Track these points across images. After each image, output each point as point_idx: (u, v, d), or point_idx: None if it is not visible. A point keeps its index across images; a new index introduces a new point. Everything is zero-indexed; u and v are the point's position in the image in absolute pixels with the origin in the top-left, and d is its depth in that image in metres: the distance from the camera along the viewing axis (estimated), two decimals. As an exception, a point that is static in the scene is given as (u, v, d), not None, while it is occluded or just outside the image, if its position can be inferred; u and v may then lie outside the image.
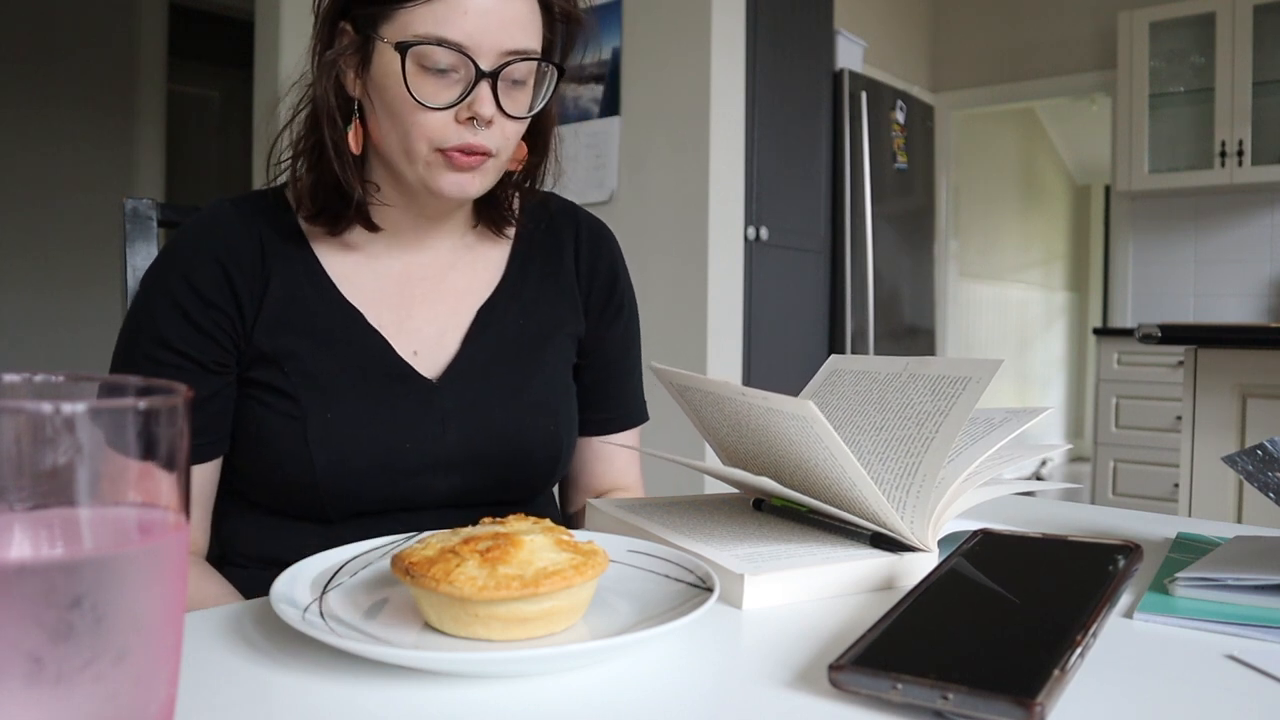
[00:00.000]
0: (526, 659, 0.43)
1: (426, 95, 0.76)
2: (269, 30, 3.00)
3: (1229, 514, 1.73)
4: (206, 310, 0.81)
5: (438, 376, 0.85)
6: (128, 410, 0.29)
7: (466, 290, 0.90)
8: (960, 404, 0.65)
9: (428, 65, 0.76)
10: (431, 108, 0.77)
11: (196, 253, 0.82)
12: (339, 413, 0.81)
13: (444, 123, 0.77)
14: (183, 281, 0.81)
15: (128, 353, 0.82)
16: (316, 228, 0.85)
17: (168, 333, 0.80)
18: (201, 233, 0.83)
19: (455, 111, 0.77)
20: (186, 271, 0.81)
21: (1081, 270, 7.00)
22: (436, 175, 0.79)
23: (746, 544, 0.63)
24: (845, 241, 3.45)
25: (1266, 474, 0.61)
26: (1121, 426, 4.00)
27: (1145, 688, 0.44)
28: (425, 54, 0.76)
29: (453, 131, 0.78)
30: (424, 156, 0.79)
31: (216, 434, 0.82)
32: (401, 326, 0.86)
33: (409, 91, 0.76)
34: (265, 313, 0.82)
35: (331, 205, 0.84)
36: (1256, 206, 4.08)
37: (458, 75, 0.77)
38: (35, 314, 4.42)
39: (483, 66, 0.76)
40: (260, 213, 0.86)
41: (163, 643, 0.30)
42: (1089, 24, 4.41)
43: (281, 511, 0.84)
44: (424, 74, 0.76)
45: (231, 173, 5.66)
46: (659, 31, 2.94)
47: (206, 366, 0.81)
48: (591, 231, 0.98)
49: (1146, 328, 1.75)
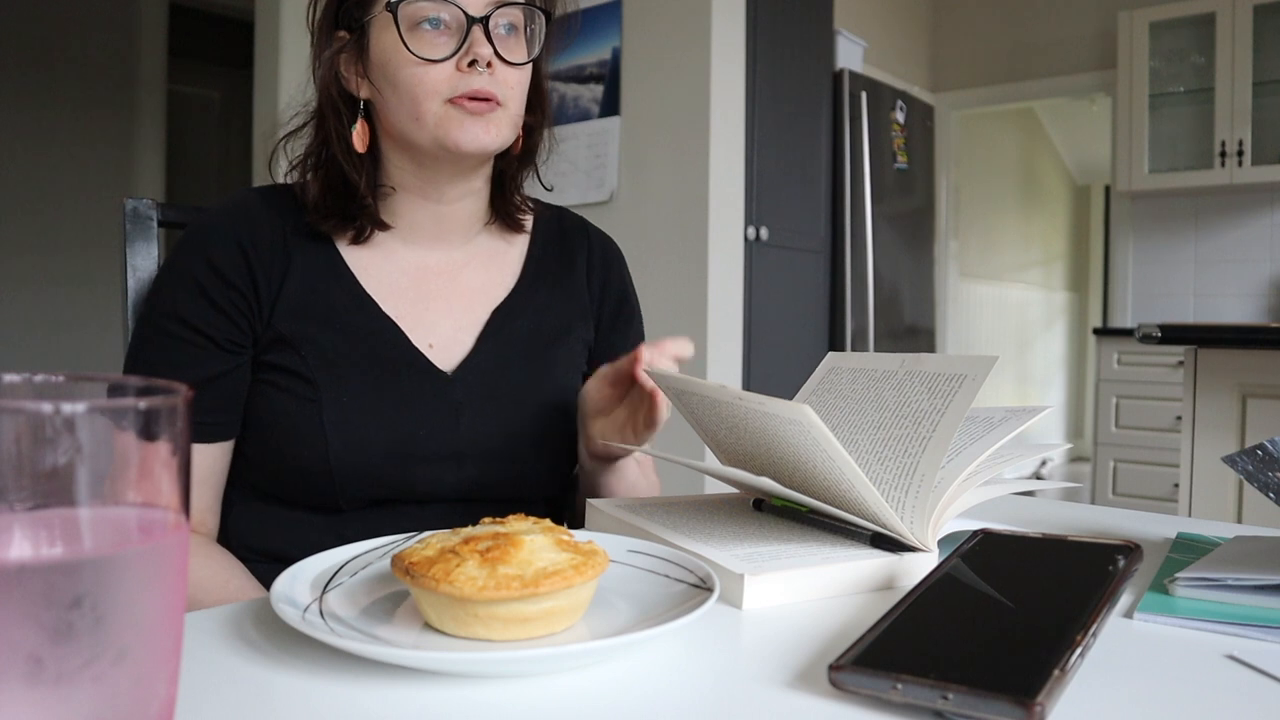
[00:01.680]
0: (526, 659, 0.43)
1: (424, 49, 0.80)
2: (269, 30, 3.00)
3: (1229, 514, 1.73)
4: (225, 290, 0.82)
5: (453, 370, 0.87)
6: (128, 410, 0.29)
7: (481, 289, 0.91)
8: (957, 402, 0.65)
9: (420, 23, 0.80)
10: (431, 60, 0.80)
11: (219, 234, 0.84)
12: (354, 397, 0.82)
13: (447, 74, 0.81)
14: (203, 261, 0.83)
15: (144, 329, 0.84)
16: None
17: (184, 309, 0.82)
18: (225, 216, 0.85)
19: (456, 61, 0.81)
20: (208, 252, 0.83)
21: (1081, 270, 7.00)
22: (451, 129, 0.81)
23: (746, 544, 0.63)
24: (845, 241, 3.45)
25: (1266, 474, 0.61)
26: (1121, 426, 4.00)
27: (1145, 688, 0.44)
28: (416, 10, 0.80)
29: (458, 80, 0.81)
30: (435, 113, 0.81)
31: (227, 415, 0.84)
32: (418, 320, 0.87)
33: (407, 48, 0.80)
34: (284, 298, 0.83)
35: (340, 209, 0.86)
36: (1256, 206, 4.08)
37: (451, 29, 0.81)
38: (35, 314, 4.42)
39: (473, 14, 0.80)
40: (285, 203, 0.88)
41: (163, 643, 0.30)
42: (1089, 24, 4.41)
43: (290, 501, 0.85)
44: (419, 32, 0.80)
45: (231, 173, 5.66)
46: (659, 31, 2.94)
47: (220, 344, 0.82)
48: (603, 246, 1.01)
49: (1146, 328, 1.75)
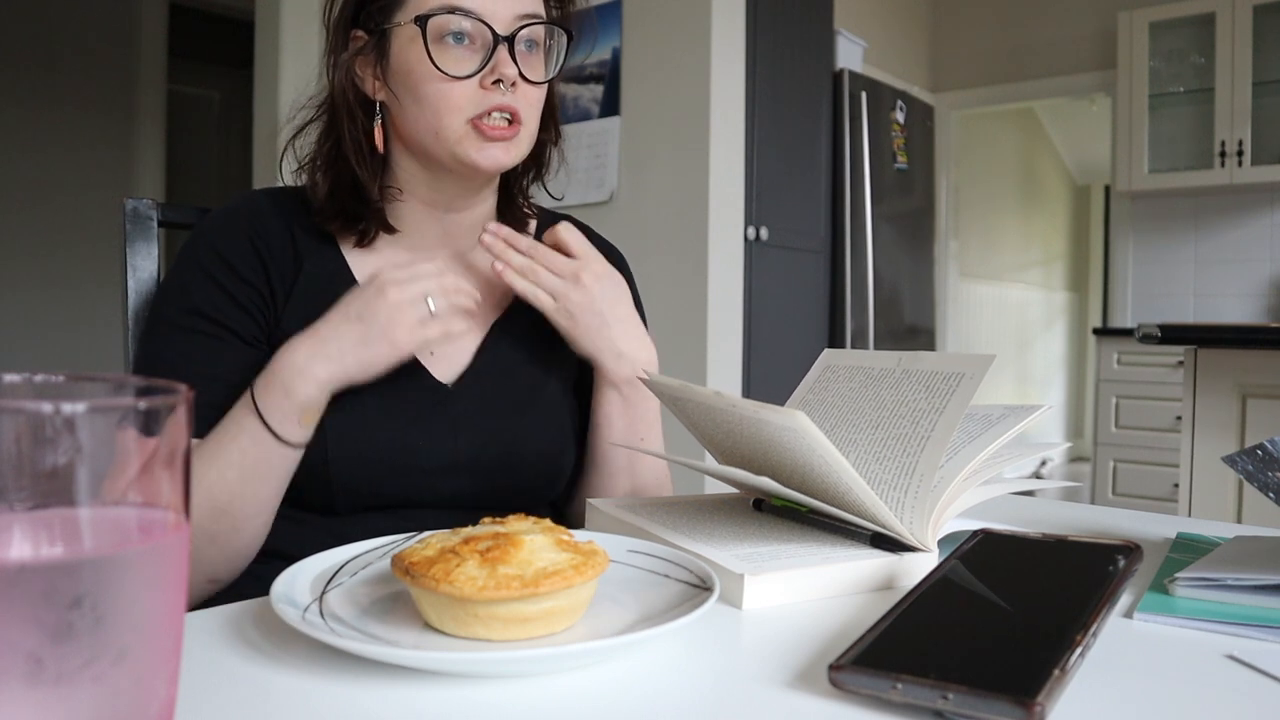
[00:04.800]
0: (526, 659, 0.43)
1: (449, 65, 0.79)
2: (269, 30, 3.00)
3: (1229, 514, 1.73)
4: (240, 284, 0.81)
5: (452, 382, 0.86)
6: (128, 410, 0.29)
7: (483, 299, 0.90)
8: (954, 401, 0.65)
9: (447, 36, 0.79)
10: (457, 77, 0.79)
11: (229, 230, 0.83)
12: (356, 404, 0.81)
13: (471, 91, 0.80)
14: (215, 255, 0.82)
15: (156, 327, 0.82)
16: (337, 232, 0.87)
17: (201, 301, 0.81)
18: (234, 214, 0.85)
19: (480, 79, 0.80)
20: (219, 246, 0.82)
21: (1081, 270, 7.00)
22: (470, 149, 0.81)
23: (746, 544, 0.63)
24: (845, 241, 3.45)
25: (1266, 474, 0.61)
26: (1121, 426, 4.00)
27: (1145, 688, 0.44)
28: (443, 23, 0.79)
29: (481, 98, 0.80)
30: (456, 131, 0.81)
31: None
32: None
33: (433, 63, 0.79)
34: (294, 299, 0.83)
35: (348, 210, 0.85)
36: (1256, 206, 4.08)
37: (475, 45, 0.80)
38: (35, 314, 4.42)
39: (500, 32, 0.80)
40: (292, 205, 0.87)
41: (163, 643, 0.30)
42: (1089, 24, 4.41)
43: (290, 501, 0.84)
44: (444, 46, 0.80)
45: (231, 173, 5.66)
46: (659, 31, 2.94)
47: (242, 337, 0.81)
48: (604, 249, 1.00)
49: (1146, 328, 1.75)
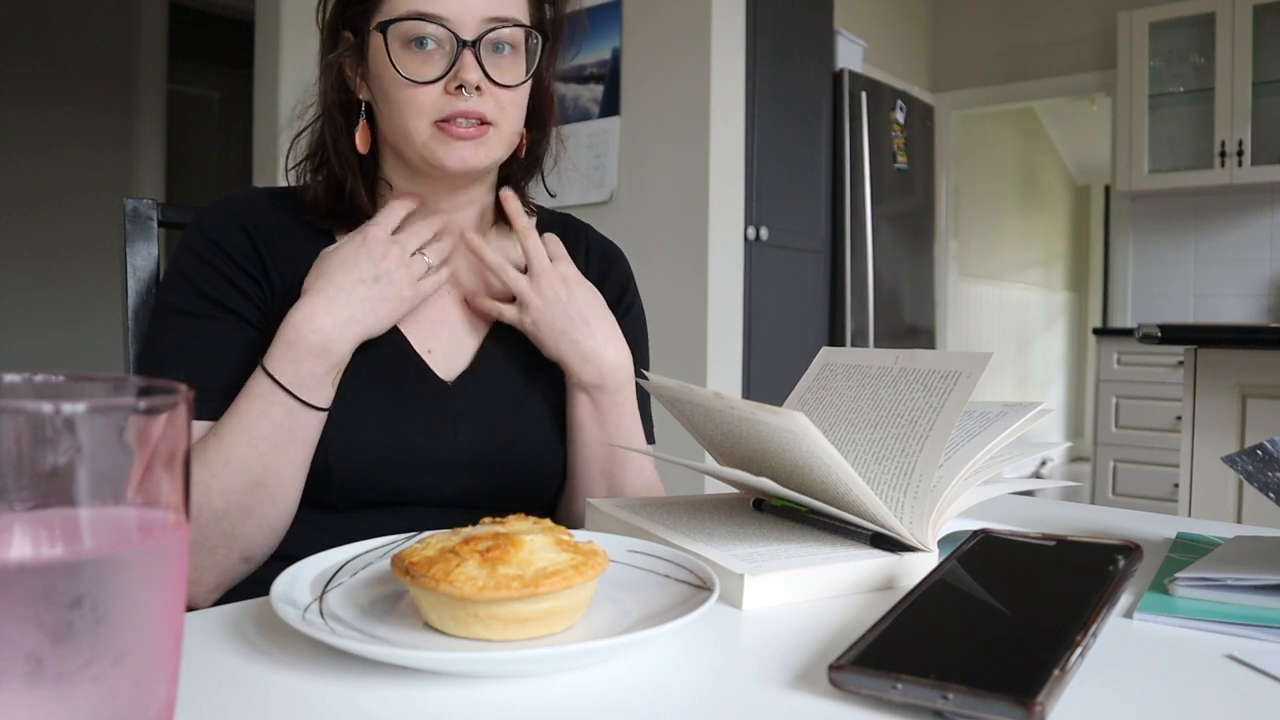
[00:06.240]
0: (526, 659, 0.43)
1: (413, 71, 0.80)
2: (269, 30, 3.00)
3: (1229, 514, 1.73)
4: (238, 271, 0.82)
5: (452, 379, 0.86)
6: (128, 410, 0.29)
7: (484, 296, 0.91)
8: (953, 400, 0.65)
9: (411, 42, 0.80)
10: (419, 82, 0.80)
11: (225, 222, 0.84)
12: (355, 398, 0.81)
13: (435, 96, 0.80)
14: (213, 244, 0.82)
15: (162, 317, 0.82)
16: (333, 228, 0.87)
17: (204, 286, 0.81)
18: (230, 206, 0.85)
19: (444, 84, 0.80)
20: (216, 236, 0.83)
21: (1081, 270, 7.00)
22: (438, 150, 0.81)
23: (746, 544, 0.63)
24: (845, 241, 3.45)
25: (1266, 474, 0.61)
26: (1121, 426, 4.00)
27: (1145, 688, 0.44)
28: (406, 30, 0.80)
29: (445, 103, 0.80)
30: (422, 134, 0.81)
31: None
32: (418, 324, 0.87)
33: (395, 69, 0.79)
34: (292, 293, 0.83)
35: (339, 208, 0.86)
36: (1256, 206, 4.08)
37: (443, 50, 0.80)
38: (35, 314, 4.42)
39: (464, 36, 0.80)
40: (291, 202, 0.88)
41: (163, 643, 0.30)
42: (1089, 24, 4.41)
43: None
44: (409, 51, 0.80)
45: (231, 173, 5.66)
46: (659, 31, 2.94)
47: (246, 319, 0.82)
48: (603, 246, 1.01)
49: (1146, 328, 1.75)
